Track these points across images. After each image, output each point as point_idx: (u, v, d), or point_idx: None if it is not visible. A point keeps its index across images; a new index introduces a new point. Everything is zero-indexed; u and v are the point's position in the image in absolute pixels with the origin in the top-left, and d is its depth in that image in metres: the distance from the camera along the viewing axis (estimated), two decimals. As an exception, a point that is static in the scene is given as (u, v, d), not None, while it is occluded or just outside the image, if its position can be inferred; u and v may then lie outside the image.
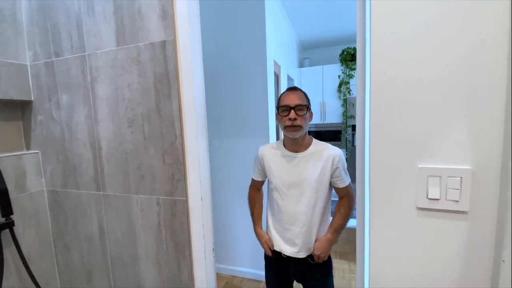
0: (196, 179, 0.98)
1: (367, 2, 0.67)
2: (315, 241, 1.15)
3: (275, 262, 1.23)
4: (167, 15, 0.93)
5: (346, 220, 1.16)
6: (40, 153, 1.25)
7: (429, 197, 0.65)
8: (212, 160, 1.07)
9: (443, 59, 0.60)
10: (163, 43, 0.95)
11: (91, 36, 1.06)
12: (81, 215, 1.21)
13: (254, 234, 1.29)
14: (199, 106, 0.97)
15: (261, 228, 1.26)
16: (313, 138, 1.19)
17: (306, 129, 1.11)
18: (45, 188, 1.27)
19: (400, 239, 0.68)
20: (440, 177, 0.63)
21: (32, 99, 1.21)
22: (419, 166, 0.64)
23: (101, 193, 1.15)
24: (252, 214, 1.31)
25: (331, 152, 1.12)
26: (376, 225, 0.70)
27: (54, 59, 1.14)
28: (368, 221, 0.75)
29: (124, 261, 1.16)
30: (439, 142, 0.62)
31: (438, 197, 0.64)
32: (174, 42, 0.92)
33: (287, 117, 1.07)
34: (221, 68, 2.01)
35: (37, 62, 1.18)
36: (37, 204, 1.24)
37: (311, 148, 1.14)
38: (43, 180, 1.26)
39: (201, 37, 0.98)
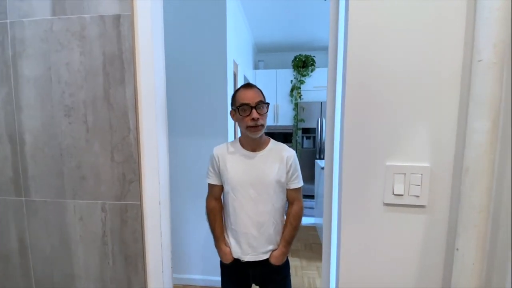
0: (154, 180, 0.85)
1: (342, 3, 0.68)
2: (270, 255, 1.13)
3: (233, 268, 1.17)
4: (122, -14, 0.79)
5: (296, 230, 1.16)
6: None
7: (394, 193, 0.69)
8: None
9: (409, 68, 0.65)
10: (117, 18, 0.80)
11: (15, 0, 0.83)
12: (-9, 227, 0.95)
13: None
14: (160, 95, 0.85)
15: (226, 245, 1.16)
16: (271, 138, 1.17)
17: (265, 126, 1.09)
18: None
19: (369, 235, 0.71)
20: (404, 174, 0.68)
21: None
22: (387, 164, 0.68)
23: (23, 199, 0.92)
24: (214, 230, 1.17)
25: (286, 152, 1.13)
26: (347, 223, 0.72)
27: (-43, 24, 0.87)
28: (336, 220, 0.77)
29: (54, 282, 0.94)
30: (405, 141, 0.68)
31: (402, 193, 0.69)
32: (131, 18, 0.79)
33: (250, 117, 1.02)
34: (179, 64, 1.89)
35: None
36: None
37: (268, 147, 1.13)
38: None
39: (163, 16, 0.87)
